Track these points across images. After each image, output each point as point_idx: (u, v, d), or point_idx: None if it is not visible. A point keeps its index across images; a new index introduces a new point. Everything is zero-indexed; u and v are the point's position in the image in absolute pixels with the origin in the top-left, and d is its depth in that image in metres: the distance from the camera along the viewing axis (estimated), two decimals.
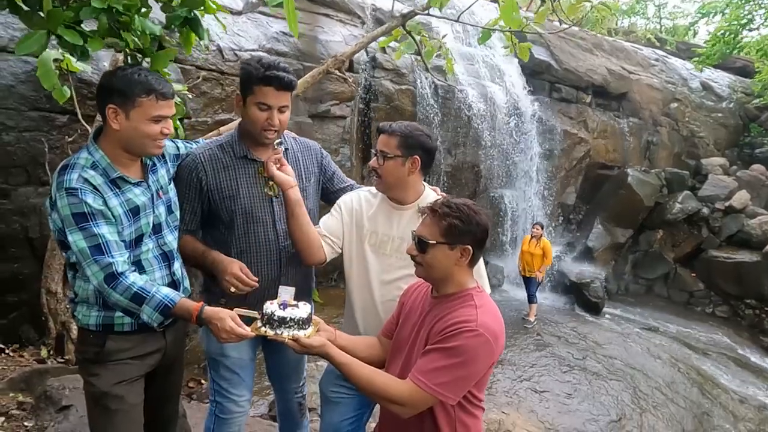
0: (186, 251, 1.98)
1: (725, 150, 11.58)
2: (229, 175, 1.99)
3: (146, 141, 1.66)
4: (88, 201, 1.57)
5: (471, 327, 1.48)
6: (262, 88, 1.87)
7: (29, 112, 3.61)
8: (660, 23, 17.82)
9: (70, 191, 1.56)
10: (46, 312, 3.33)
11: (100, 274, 1.59)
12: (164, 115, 1.65)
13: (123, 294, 1.61)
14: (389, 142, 1.92)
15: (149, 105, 1.61)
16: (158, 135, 1.66)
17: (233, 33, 5.38)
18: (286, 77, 1.88)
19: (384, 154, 1.92)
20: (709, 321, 8.67)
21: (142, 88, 1.60)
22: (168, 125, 1.68)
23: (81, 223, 1.57)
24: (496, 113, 8.05)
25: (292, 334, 1.55)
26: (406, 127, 1.95)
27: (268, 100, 1.89)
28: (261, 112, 1.90)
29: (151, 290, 1.64)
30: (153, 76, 1.64)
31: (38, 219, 3.68)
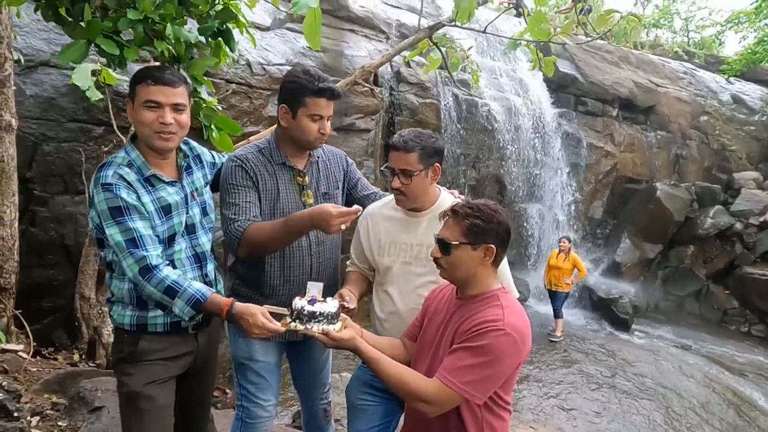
0: (257, 234, 1.91)
1: (758, 164, 11.24)
2: (273, 179, 2.03)
3: (145, 130, 1.65)
4: (122, 195, 1.62)
5: (498, 326, 1.47)
6: (315, 100, 1.91)
7: (68, 124, 3.76)
8: (687, 36, 17.58)
9: (105, 186, 1.62)
10: (79, 317, 3.41)
11: (135, 266, 1.63)
12: (156, 101, 1.62)
13: (156, 286, 1.64)
14: (408, 158, 1.88)
15: (143, 91, 1.61)
16: (154, 123, 1.63)
17: (261, 48, 5.52)
18: (336, 88, 1.94)
19: (408, 172, 1.88)
20: (745, 340, 8.34)
21: (139, 77, 1.62)
22: (164, 114, 1.63)
23: (117, 217, 1.62)
24: (520, 126, 8.02)
25: (322, 328, 1.56)
26: (418, 137, 1.91)
27: (321, 111, 1.94)
28: (313, 123, 1.95)
29: (184, 284, 1.67)
30: (155, 67, 1.65)
31: (74, 226, 3.80)
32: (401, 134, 1.91)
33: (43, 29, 3.68)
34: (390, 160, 1.92)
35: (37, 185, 3.73)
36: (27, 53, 3.61)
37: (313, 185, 2.13)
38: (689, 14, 17.29)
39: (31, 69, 3.63)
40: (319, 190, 2.14)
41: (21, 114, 3.23)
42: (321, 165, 2.16)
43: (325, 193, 2.15)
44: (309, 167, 2.12)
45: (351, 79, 3.46)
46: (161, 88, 1.62)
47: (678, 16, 17.25)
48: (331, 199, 2.13)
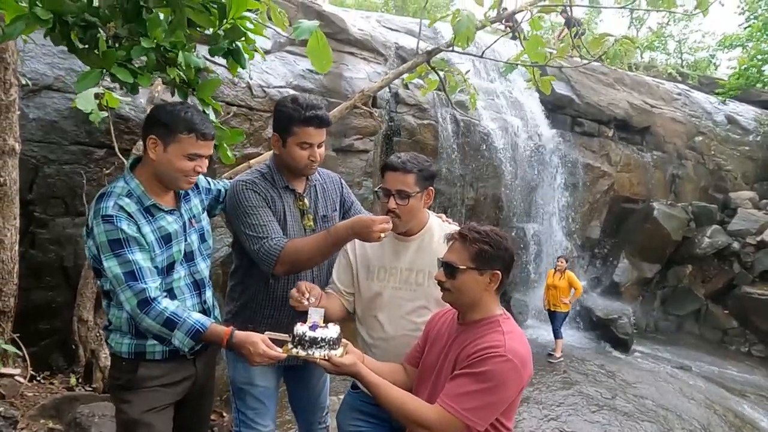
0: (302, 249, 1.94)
1: (754, 184, 11.34)
2: (278, 203, 2.06)
3: (178, 175, 1.72)
4: (123, 227, 1.63)
5: (500, 352, 1.48)
6: (304, 129, 1.95)
7: (70, 146, 3.79)
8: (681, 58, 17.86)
9: (106, 218, 1.63)
10: (77, 340, 3.39)
11: (134, 299, 1.63)
12: (201, 154, 1.71)
13: (155, 319, 1.64)
14: (406, 179, 1.88)
15: (188, 142, 1.68)
16: (190, 171, 1.72)
17: (262, 71, 5.60)
18: (324, 115, 1.97)
19: (405, 193, 1.88)
20: (745, 361, 8.30)
21: (185, 126, 1.66)
22: (202, 164, 1.73)
23: (116, 250, 1.62)
24: (517, 147, 8.09)
25: (324, 354, 1.56)
26: (416, 159, 1.92)
27: (309, 139, 1.96)
28: (303, 150, 1.98)
29: (183, 315, 1.67)
30: (198, 117, 1.70)
31: (73, 248, 3.80)
32: (398, 156, 1.93)
33: (47, 54, 3.74)
34: (386, 181, 1.91)
35: (37, 207, 3.74)
36: (31, 77, 3.66)
37: (312, 209, 2.16)
38: (682, 37, 17.60)
39: (35, 93, 3.68)
40: (318, 214, 2.17)
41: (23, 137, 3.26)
42: (319, 188, 2.19)
43: (323, 216, 2.18)
44: (308, 191, 2.16)
45: (351, 103, 3.51)
46: (207, 143, 1.72)
47: (672, 38, 17.56)
48: (329, 222, 2.17)
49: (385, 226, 1.82)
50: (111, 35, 1.64)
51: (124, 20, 1.62)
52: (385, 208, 1.94)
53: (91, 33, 1.70)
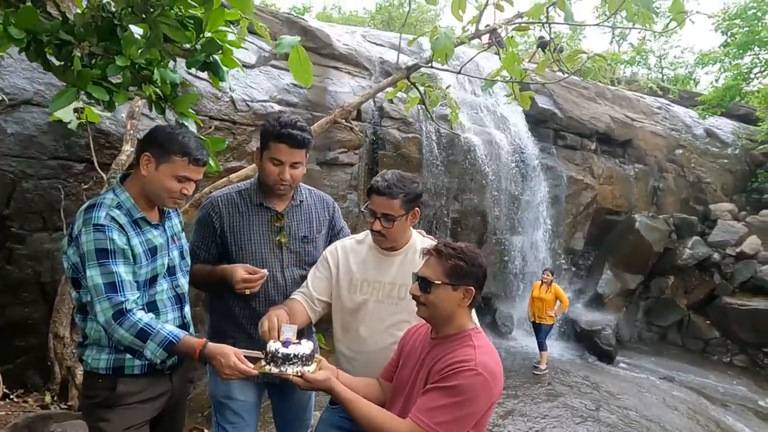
0: (197, 276, 2.07)
1: (733, 195, 11.57)
2: (244, 220, 2.09)
3: (165, 195, 1.77)
4: (113, 238, 1.66)
5: (470, 366, 1.50)
6: (277, 145, 1.99)
7: (48, 161, 3.76)
8: (662, 73, 18.27)
9: (97, 227, 1.66)
10: (53, 357, 3.34)
11: (110, 311, 1.64)
12: (190, 178, 1.77)
13: (129, 330, 1.64)
14: (392, 204, 1.91)
15: (180, 164, 1.74)
16: (177, 193, 1.77)
17: (246, 85, 5.61)
18: (300, 136, 1.99)
19: (390, 217, 1.91)
20: (727, 370, 8.40)
21: (180, 149, 1.73)
22: (190, 187, 1.79)
23: (101, 259, 1.65)
24: (501, 160, 8.18)
25: (297, 371, 1.56)
26: (401, 182, 1.94)
27: (280, 156, 2.00)
28: (274, 166, 2.02)
29: (157, 327, 1.68)
30: (195, 143, 1.78)
31: (51, 264, 3.75)
32: (384, 177, 1.94)
33: (26, 68, 3.71)
34: (372, 204, 1.95)
35: (14, 222, 3.69)
36: (9, 92, 3.63)
37: (293, 228, 2.17)
38: (663, 52, 18.03)
39: (13, 107, 3.65)
40: (299, 233, 2.18)
41: (1, 152, 3.24)
42: (304, 208, 2.21)
43: (304, 237, 2.19)
44: (290, 209, 2.17)
45: (330, 118, 3.54)
46: (198, 169, 1.78)
47: (652, 53, 17.98)
48: (310, 242, 2.20)
49: (248, 285, 1.93)
50: (86, 53, 1.65)
51: (99, 38, 1.63)
52: (370, 228, 1.98)
53: (66, 50, 1.71)
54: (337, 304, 2.05)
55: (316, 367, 1.62)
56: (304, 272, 2.15)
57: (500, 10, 3.60)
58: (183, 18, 1.85)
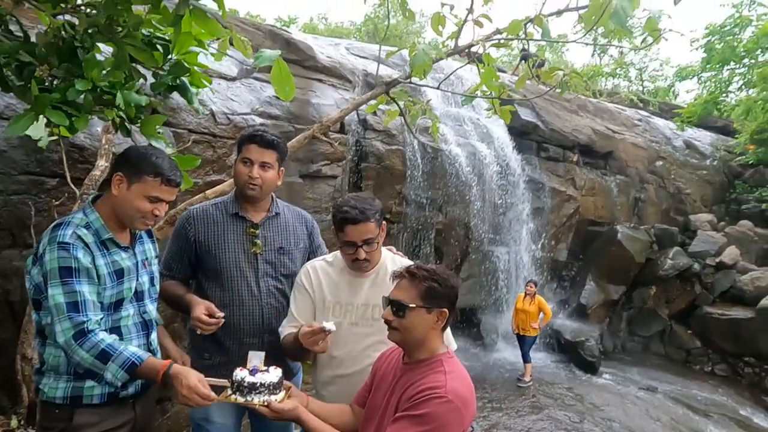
0: (167, 294, 2.09)
1: (712, 206, 11.76)
2: (218, 230, 2.12)
3: (136, 215, 1.74)
4: (78, 257, 1.63)
5: (440, 393, 1.48)
6: (247, 146, 2.08)
7: (19, 176, 3.67)
8: (642, 85, 18.61)
9: (62, 245, 1.62)
10: (20, 379, 3.23)
11: (70, 330, 1.60)
12: (162, 198, 1.75)
13: (90, 351, 1.60)
14: (369, 227, 1.90)
15: (152, 184, 1.72)
16: (148, 213, 1.75)
17: (227, 98, 5.57)
18: (267, 136, 2.08)
19: (371, 240, 1.90)
20: (708, 380, 8.46)
21: (153, 168, 1.71)
22: (161, 208, 1.77)
23: (64, 278, 1.61)
24: (484, 172, 8.22)
25: (263, 400, 1.53)
26: (368, 203, 1.93)
27: (250, 155, 2.07)
28: (244, 166, 2.08)
29: (119, 347, 1.63)
30: (168, 163, 1.76)
31: (20, 282, 3.63)
32: (350, 205, 1.90)
33: None
34: (350, 235, 1.89)
35: None
36: None
37: (269, 238, 2.19)
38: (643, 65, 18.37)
39: None
40: (274, 244, 2.20)
41: None
42: (280, 220, 2.24)
43: (279, 248, 2.21)
44: (266, 220, 2.20)
45: (309, 133, 3.52)
46: (170, 189, 1.75)
47: (633, 66, 18.31)
48: (286, 254, 2.21)
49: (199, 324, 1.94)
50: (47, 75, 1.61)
51: (60, 60, 1.60)
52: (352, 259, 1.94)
53: (28, 70, 1.67)
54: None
55: (284, 396, 1.58)
56: (279, 284, 2.17)
57: (479, 26, 3.63)
58: (151, 38, 1.83)
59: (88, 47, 1.62)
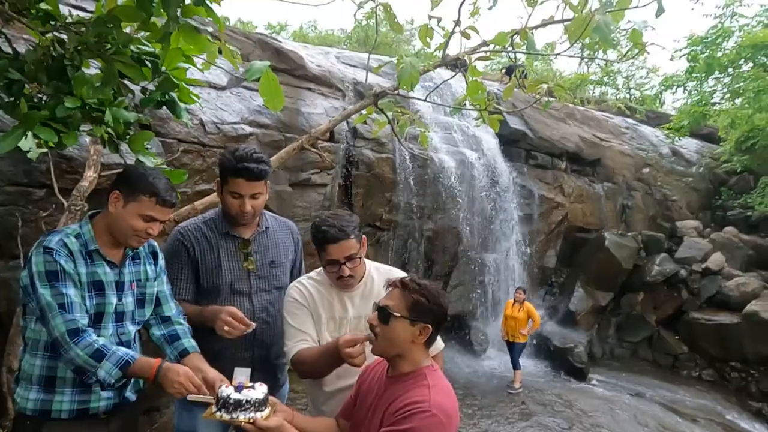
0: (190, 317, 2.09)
1: (698, 213, 11.92)
2: (213, 248, 2.14)
3: (129, 232, 1.78)
4: (60, 262, 1.68)
5: (424, 408, 1.49)
6: (235, 180, 2.04)
7: (6, 187, 3.65)
8: (629, 93, 18.87)
9: (46, 249, 1.68)
10: (5, 391, 3.20)
11: (63, 327, 1.64)
12: (156, 218, 1.78)
13: (84, 350, 1.63)
14: (350, 244, 1.90)
15: (147, 204, 1.76)
16: (142, 231, 1.78)
17: (216, 107, 5.58)
18: (256, 169, 2.02)
19: (353, 256, 1.91)
20: (695, 385, 8.56)
21: (149, 189, 1.75)
22: (155, 228, 1.80)
23: (52, 281, 1.67)
24: (474, 179, 8.29)
25: (249, 417, 1.53)
26: (345, 220, 1.93)
27: (240, 190, 2.05)
28: (234, 199, 2.07)
29: (112, 348, 1.68)
30: (164, 184, 1.79)
31: (6, 293, 3.62)
32: (328, 224, 1.89)
33: None
34: (332, 254, 1.90)
35: None
36: None
37: (260, 253, 2.22)
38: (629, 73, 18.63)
39: None
40: (266, 259, 2.23)
41: None
42: (270, 234, 2.26)
43: (271, 262, 2.24)
44: (256, 236, 2.22)
45: (297, 145, 3.54)
46: (165, 210, 1.79)
47: (620, 74, 18.56)
48: (277, 267, 2.25)
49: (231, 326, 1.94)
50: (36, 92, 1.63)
51: (49, 77, 1.61)
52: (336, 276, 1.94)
53: (17, 87, 1.69)
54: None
55: (270, 412, 1.59)
56: (272, 297, 2.19)
57: (467, 38, 3.68)
58: (140, 55, 1.85)
59: (77, 65, 1.64)
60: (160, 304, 2.00)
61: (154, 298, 1.98)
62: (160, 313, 2.00)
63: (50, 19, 1.70)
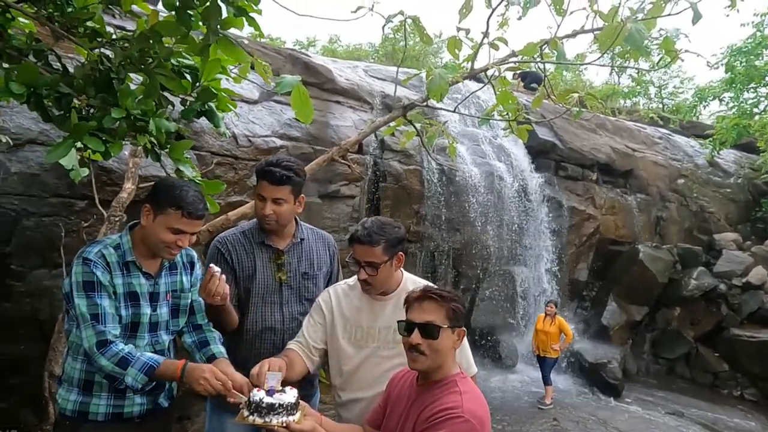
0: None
1: (737, 225, 11.48)
2: (250, 257, 2.19)
3: (160, 245, 1.83)
4: (97, 273, 1.74)
5: (457, 413, 1.49)
6: (260, 182, 2.13)
7: (50, 199, 3.81)
8: (662, 103, 18.45)
9: (85, 261, 1.75)
10: (47, 396, 3.31)
11: (93, 338, 1.70)
12: (183, 230, 1.82)
13: (111, 359, 1.69)
14: (374, 252, 1.92)
15: (174, 217, 1.80)
16: (172, 244, 1.83)
17: (248, 120, 5.71)
18: (279, 173, 2.08)
19: (374, 265, 1.92)
20: (737, 405, 8.17)
21: (174, 202, 1.80)
22: (184, 240, 1.84)
23: (88, 291, 1.73)
24: (502, 191, 8.21)
25: (282, 421, 1.55)
26: (382, 229, 1.95)
27: (263, 192, 2.12)
28: (260, 202, 2.14)
29: (137, 354, 1.73)
30: (191, 196, 1.82)
31: (49, 301, 3.76)
32: (364, 226, 1.96)
33: None
34: (355, 253, 1.96)
35: (14, 260, 3.72)
36: (15, 131, 3.72)
37: (294, 264, 2.25)
38: (662, 83, 18.23)
39: (18, 147, 3.73)
40: (299, 270, 2.26)
41: (4, 190, 3.30)
42: (305, 246, 2.29)
43: (304, 273, 2.27)
44: (291, 247, 2.26)
45: (328, 156, 3.59)
46: (192, 222, 1.82)
47: (652, 84, 18.18)
48: (309, 279, 2.28)
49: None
50: (84, 105, 1.71)
51: (96, 90, 1.69)
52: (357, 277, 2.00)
53: (66, 101, 1.77)
54: (333, 350, 2.06)
55: (301, 416, 1.60)
56: (303, 308, 2.21)
57: (495, 49, 3.69)
58: (179, 67, 1.92)
59: (122, 78, 1.72)
60: (193, 312, 2.05)
61: (188, 308, 2.03)
62: (192, 321, 2.06)
63: (97, 36, 1.80)
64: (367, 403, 1.97)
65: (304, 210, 2.30)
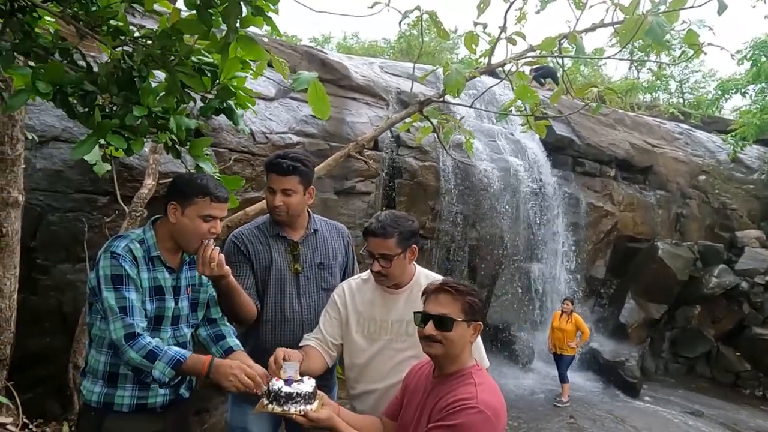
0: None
1: (760, 222, 11.22)
2: (266, 249, 2.23)
3: (194, 237, 1.85)
4: (125, 267, 1.78)
5: (472, 404, 1.51)
6: (269, 175, 2.18)
7: (74, 194, 3.90)
8: (683, 98, 18.08)
9: (114, 255, 1.79)
10: (72, 387, 3.40)
11: (121, 330, 1.73)
12: (215, 216, 1.86)
13: (138, 352, 1.72)
14: (388, 244, 1.95)
15: (203, 204, 1.83)
16: (206, 233, 1.85)
17: (265, 117, 5.76)
18: (285, 163, 2.13)
19: (388, 257, 1.96)
20: (760, 405, 8.03)
21: (200, 190, 1.83)
22: (216, 226, 1.87)
23: (116, 284, 1.76)
24: (518, 187, 8.15)
25: (300, 409, 1.58)
26: (395, 222, 1.98)
27: (272, 184, 2.17)
28: (270, 194, 2.18)
29: (164, 348, 1.76)
30: (212, 182, 1.87)
31: (73, 294, 3.85)
32: (378, 218, 1.99)
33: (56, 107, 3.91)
34: (369, 245, 2.00)
35: (39, 254, 3.82)
36: (40, 129, 3.82)
37: (309, 255, 2.29)
38: (683, 77, 17.87)
39: (43, 144, 3.83)
40: (314, 260, 2.30)
41: (29, 187, 3.38)
42: (319, 237, 2.33)
43: (320, 263, 2.31)
44: (305, 239, 2.30)
45: (344, 152, 3.61)
46: (220, 206, 1.87)
47: (672, 78, 17.83)
48: (325, 269, 2.31)
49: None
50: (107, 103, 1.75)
51: (119, 88, 1.73)
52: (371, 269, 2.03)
53: (90, 98, 1.82)
54: (347, 344, 2.09)
55: (319, 405, 1.63)
56: (320, 299, 2.26)
57: (513, 44, 3.66)
58: (200, 65, 1.95)
59: (144, 76, 1.75)
60: (209, 307, 2.10)
61: (206, 302, 2.08)
62: (208, 315, 2.10)
63: (120, 34, 1.83)
64: (380, 395, 2.00)
65: (319, 206, 2.33)
